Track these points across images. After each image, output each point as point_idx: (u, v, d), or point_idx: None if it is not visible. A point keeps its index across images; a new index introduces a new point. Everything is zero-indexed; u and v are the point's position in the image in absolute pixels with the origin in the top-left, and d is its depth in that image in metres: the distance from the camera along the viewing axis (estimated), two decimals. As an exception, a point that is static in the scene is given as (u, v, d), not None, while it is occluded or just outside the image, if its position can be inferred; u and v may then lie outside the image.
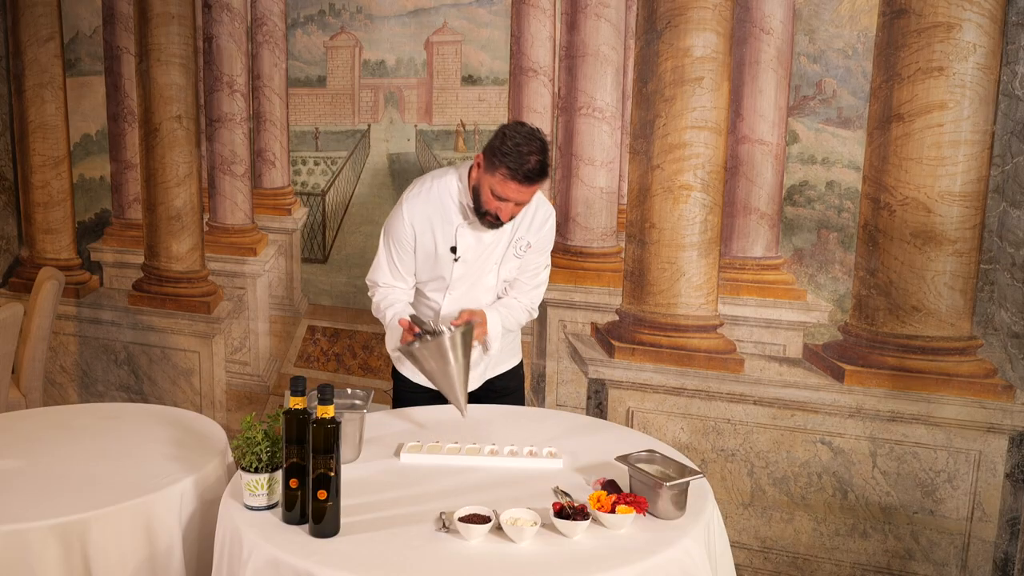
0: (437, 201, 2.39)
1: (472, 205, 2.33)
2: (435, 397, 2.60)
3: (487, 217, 2.30)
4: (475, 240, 2.40)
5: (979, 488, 2.74)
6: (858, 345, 2.82)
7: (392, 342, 2.46)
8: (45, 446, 2.19)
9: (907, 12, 2.64)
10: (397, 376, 2.66)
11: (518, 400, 2.70)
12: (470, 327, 2.23)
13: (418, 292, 2.56)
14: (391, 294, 2.50)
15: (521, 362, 2.72)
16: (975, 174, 2.63)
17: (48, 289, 3.50)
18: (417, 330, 2.26)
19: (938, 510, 2.80)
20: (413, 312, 2.46)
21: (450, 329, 2.19)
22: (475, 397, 2.63)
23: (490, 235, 2.40)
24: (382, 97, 3.41)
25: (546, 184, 2.51)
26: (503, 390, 2.63)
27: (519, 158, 2.17)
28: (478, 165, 2.28)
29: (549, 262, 2.57)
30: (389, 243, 2.46)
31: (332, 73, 3.47)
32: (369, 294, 2.57)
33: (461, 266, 2.43)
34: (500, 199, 2.24)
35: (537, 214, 2.45)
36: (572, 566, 1.56)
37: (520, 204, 2.28)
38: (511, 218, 2.32)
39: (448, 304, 2.49)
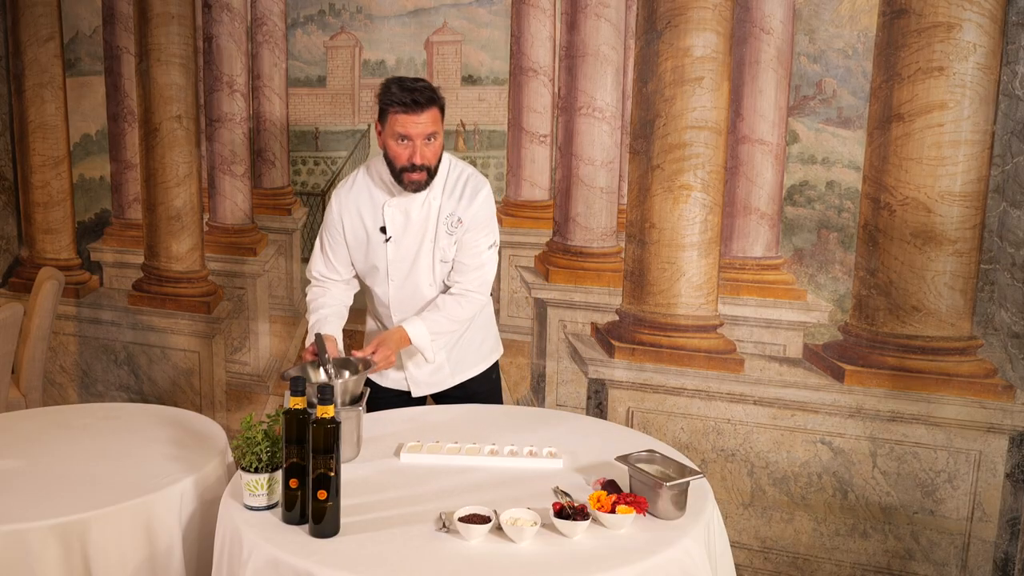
0: (364, 188, 2.44)
1: (391, 175, 2.34)
2: (408, 401, 2.61)
3: (404, 175, 2.29)
4: (403, 217, 2.40)
5: (979, 488, 2.74)
6: (858, 345, 2.82)
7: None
8: (45, 446, 2.20)
9: (907, 12, 2.64)
10: (367, 381, 2.65)
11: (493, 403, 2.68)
12: (360, 378, 2.13)
13: (368, 293, 2.58)
14: (321, 296, 2.53)
15: (495, 365, 2.69)
16: (975, 174, 2.63)
17: (48, 289, 3.50)
18: (311, 359, 2.22)
19: (938, 510, 2.80)
20: (337, 320, 2.47)
21: (338, 372, 2.15)
22: (446, 399, 2.63)
23: (417, 208, 2.39)
24: (382, 97, 3.41)
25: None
26: (474, 395, 2.61)
27: (400, 92, 2.21)
28: (379, 132, 2.32)
29: (494, 241, 2.47)
30: (323, 235, 2.51)
31: (332, 73, 3.47)
32: (307, 289, 2.60)
33: (393, 247, 2.42)
34: (401, 139, 2.25)
35: (467, 187, 2.41)
36: (572, 566, 1.56)
37: (427, 139, 2.25)
38: (425, 165, 2.27)
39: (394, 295, 2.47)
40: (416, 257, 2.43)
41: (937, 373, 2.74)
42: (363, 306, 3.60)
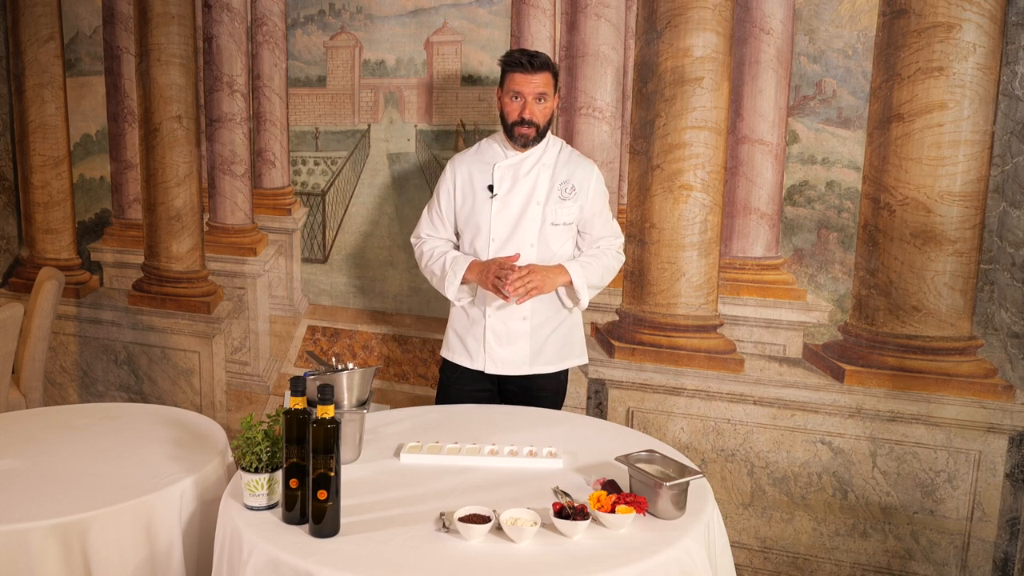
0: (479, 154, 2.67)
1: (504, 132, 2.58)
2: (481, 388, 2.66)
3: (515, 128, 2.52)
4: (512, 178, 2.59)
5: (979, 488, 2.74)
6: (858, 345, 2.82)
7: (452, 287, 2.57)
8: (45, 446, 2.20)
9: (907, 12, 2.64)
10: (446, 365, 2.70)
11: (552, 406, 2.69)
12: (369, 370, 2.15)
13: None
14: (438, 245, 2.67)
15: (567, 372, 2.73)
16: (975, 174, 2.63)
17: (48, 289, 3.50)
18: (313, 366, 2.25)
19: (938, 510, 2.80)
20: (459, 255, 2.61)
21: (346, 366, 2.13)
22: (513, 396, 2.65)
23: (526, 171, 2.58)
24: (382, 97, 3.41)
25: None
26: (540, 390, 2.65)
27: (519, 55, 2.50)
28: (499, 97, 2.58)
29: (618, 230, 2.75)
30: (433, 196, 2.71)
31: (332, 73, 3.47)
32: (416, 255, 2.74)
33: (498, 204, 2.57)
34: (515, 96, 2.50)
35: (582, 161, 2.66)
36: (572, 566, 1.56)
37: (537, 99, 2.49)
38: (534, 121, 2.49)
39: (494, 254, 2.57)
40: (521, 216, 2.56)
41: (937, 373, 2.74)
42: (372, 308, 3.58)
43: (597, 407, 3.19)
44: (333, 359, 2.21)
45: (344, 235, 3.53)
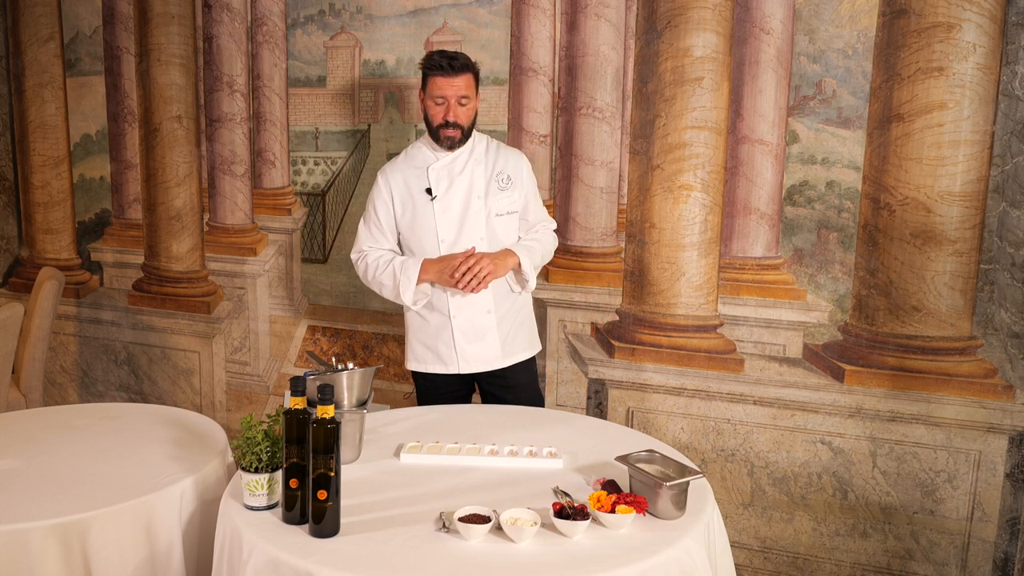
0: (408, 160, 2.65)
1: (430, 135, 2.57)
2: (456, 390, 2.66)
3: (440, 131, 2.52)
4: (448, 178, 2.58)
5: (979, 488, 2.74)
6: (858, 345, 2.82)
7: (408, 290, 2.53)
8: (45, 446, 2.20)
9: (907, 12, 2.64)
10: (418, 376, 2.69)
11: (531, 396, 2.71)
12: (369, 370, 2.15)
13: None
14: (383, 254, 2.62)
15: (534, 359, 2.75)
16: (975, 174, 2.63)
17: (48, 289, 3.50)
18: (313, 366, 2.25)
19: (938, 510, 2.80)
20: (407, 259, 2.58)
21: (347, 366, 2.13)
22: (490, 394, 2.66)
23: (459, 168, 2.58)
24: (382, 97, 3.41)
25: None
26: (516, 385, 2.67)
27: (439, 59, 2.49)
28: (421, 100, 2.58)
29: (548, 214, 2.78)
30: (368, 209, 2.67)
31: (332, 73, 3.47)
32: (359, 271, 2.68)
33: (440, 205, 2.57)
34: (438, 101, 2.50)
35: (511, 153, 2.67)
36: (572, 566, 1.56)
37: (460, 101, 2.49)
38: (459, 123, 2.50)
39: (445, 252, 2.55)
40: (464, 213, 2.57)
41: (937, 373, 2.74)
42: (372, 308, 3.59)
43: (597, 407, 3.19)
44: (333, 359, 2.21)
45: (344, 235, 3.52)
